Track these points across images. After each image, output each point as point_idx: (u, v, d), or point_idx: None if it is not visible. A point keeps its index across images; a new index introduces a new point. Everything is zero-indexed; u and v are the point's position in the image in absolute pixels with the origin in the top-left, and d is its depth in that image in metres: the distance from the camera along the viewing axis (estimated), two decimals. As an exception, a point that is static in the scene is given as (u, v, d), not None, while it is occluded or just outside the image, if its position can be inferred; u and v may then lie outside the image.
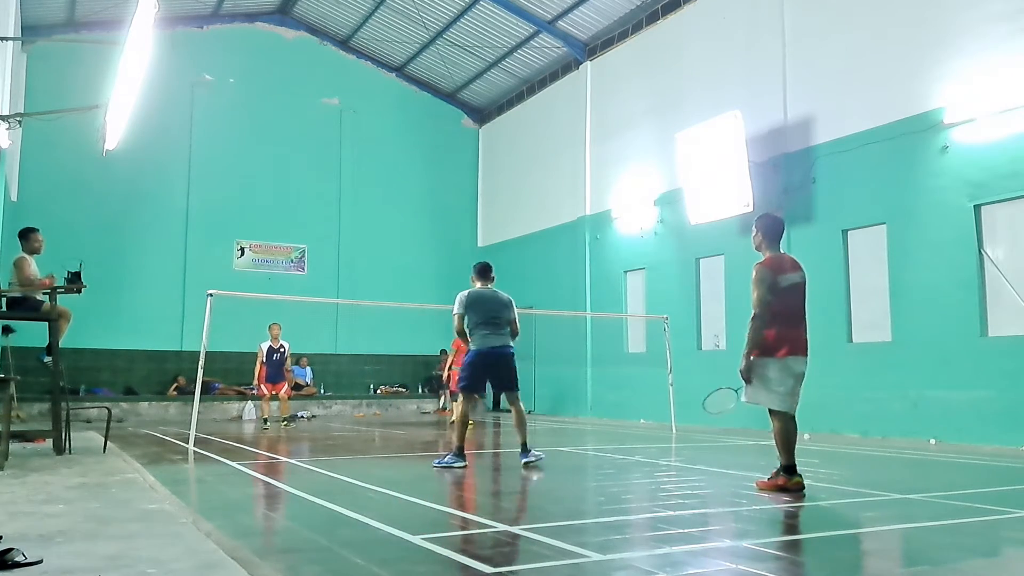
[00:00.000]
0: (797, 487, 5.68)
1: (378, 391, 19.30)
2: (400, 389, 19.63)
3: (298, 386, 16.49)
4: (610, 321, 16.04)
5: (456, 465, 7.24)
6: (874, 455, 8.88)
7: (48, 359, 8.54)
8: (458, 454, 7.34)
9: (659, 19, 15.62)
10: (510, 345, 7.60)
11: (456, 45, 19.11)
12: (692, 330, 14.07)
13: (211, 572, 3.34)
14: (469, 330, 7.59)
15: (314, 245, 19.42)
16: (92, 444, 9.24)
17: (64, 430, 8.38)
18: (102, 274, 13.84)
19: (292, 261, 19.24)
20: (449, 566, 3.54)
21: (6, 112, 11.08)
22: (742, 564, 3.61)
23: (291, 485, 6.56)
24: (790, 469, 5.73)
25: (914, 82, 10.80)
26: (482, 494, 6.55)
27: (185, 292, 17.57)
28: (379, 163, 20.34)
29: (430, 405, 19.02)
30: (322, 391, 18.43)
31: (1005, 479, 6.93)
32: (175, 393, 16.61)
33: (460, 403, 7.75)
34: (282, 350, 13.87)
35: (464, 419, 7.60)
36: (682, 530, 4.42)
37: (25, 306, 8.48)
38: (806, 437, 11.03)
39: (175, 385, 16.84)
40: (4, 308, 8.50)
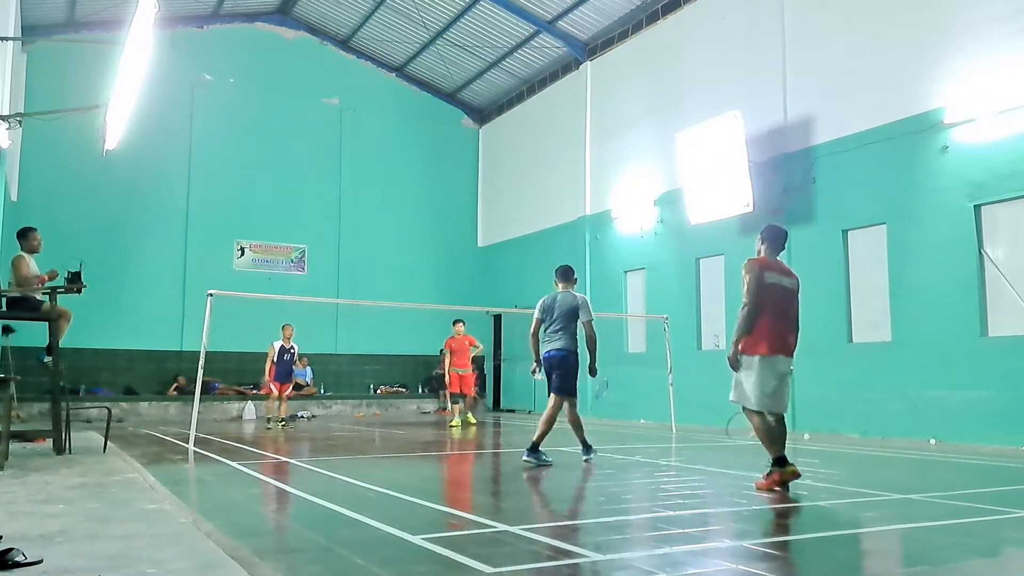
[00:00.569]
0: (793, 476, 5.71)
1: (378, 391, 19.29)
2: (400, 389, 19.62)
3: (298, 386, 16.49)
4: (610, 321, 16.01)
5: (543, 461, 7.46)
6: (874, 455, 8.88)
7: (48, 359, 8.54)
8: (533, 450, 7.56)
9: (659, 19, 15.62)
10: (564, 349, 7.75)
11: (456, 45, 19.10)
12: (692, 330, 14.07)
13: (211, 572, 3.34)
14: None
15: (314, 245, 19.41)
16: (92, 444, 9.24)
17: (64, 430, 8.38)
18: (102, 274, 13.83)
19: (292, 261, 19.24)
20: (449, 566, 3.54)
21: (6, 112, 11.08)
22: (742, 564, 3.61)
23: (291, 485, 6.57)
24: (781, 461, 5.77)
25: (914, 82, 10.80)
26: (482, 494, 6.56)
27: (185, 292, 17.56)
28: (379, 163, 20.33)
29: (430, 405, 19.02)
30: (322, 391, 18.43)
31: (1005, 479, 6.94)
32: (175, 393, 16.61)
33: (550, 404, 7.82)
34: (292, 350, 13.99)
35: (550, 421, 7.71)
36: (682, 530, 4.42)
37: (25, 306, 8.47)
38: (806, 437, 11.05)
39: (175, 385, 16.84)
40: (4, 308, 8.50)
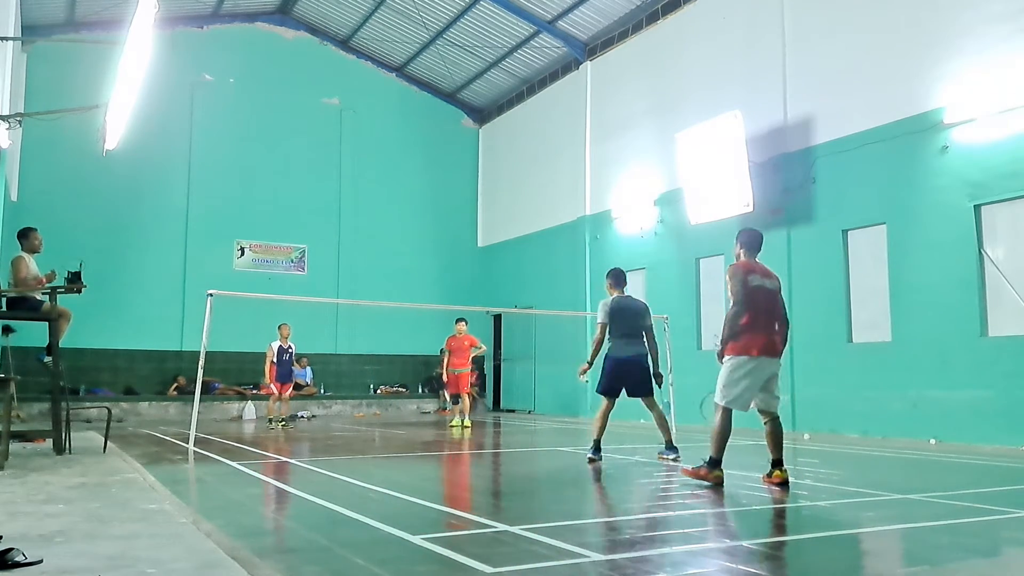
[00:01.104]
0: (716, 480, 5.93)
1: (378, 391, 19.28)
2: (400, 389, 19.61)
3: (298, 386, 16.49)
4: (610, 321, 16.02)
5: (596, 457, 7.72)
6: (874, 455, 8.88)
7: (48, 359, 8.54)
8: (596, 449, 7.78)
9: (659, 19, 15.62)
10: (644, 354, 7.93)
11: (456, 45, 19.10)
12: (692, 330, 14.07)
13: (211, 572, 3.34)
14: (608, 338, 7.99)
15: (314, 245, 19.40)
16: (92, 444, 9.23)
17: (64, 430, 8.37)
18: (102, 274, 13.81)
19: (292, 261, 19.23)
20: (449, 566, 3.54)
21: (6, 112, 11.08)
22: (742, 564, 3.61)
23: (291, 485, 6.57)
24: (716, 463, 5.96)
25: (914, 82, 10.80)
26: (482, 494, 6.56)
27: (185, 292, 17.56)
28: (379, 163, 20.33)
29: (430, 405, 19.02)
30: (322, 391, 18.42)
31: (1005, 479, 6.94)
32: (175, 393, 16.60)
33: (603, 405, 7.96)
34: (290, 350, 13.99)
35: (604, 419, 7.90)
36: (682, 530, 4.42)
37: (25, 306, 8.47)
38: (806, 437, 11.05)
39: (175, 385, 16.83)
40: (4, 308, 8.50)
